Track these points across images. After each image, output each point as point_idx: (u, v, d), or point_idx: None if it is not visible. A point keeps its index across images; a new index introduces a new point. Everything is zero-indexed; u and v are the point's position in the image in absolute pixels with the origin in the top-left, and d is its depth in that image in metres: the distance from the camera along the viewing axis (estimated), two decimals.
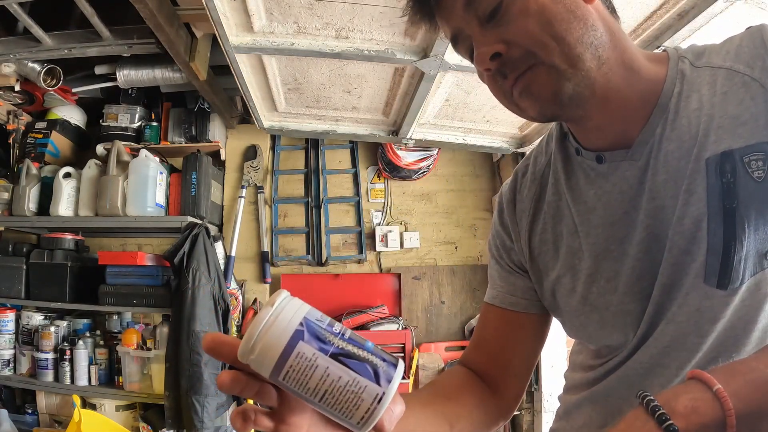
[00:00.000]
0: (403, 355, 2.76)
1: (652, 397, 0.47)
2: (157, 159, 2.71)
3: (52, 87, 2.51)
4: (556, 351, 2.75)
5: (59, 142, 2.94)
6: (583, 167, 0.70)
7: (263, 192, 3.12)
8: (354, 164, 3.22)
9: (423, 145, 2.78)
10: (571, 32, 0.57)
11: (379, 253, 3.13)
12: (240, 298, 2.96)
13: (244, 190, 3.06)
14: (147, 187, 2.60)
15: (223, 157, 3.09)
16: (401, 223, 3.17)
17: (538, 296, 0.79)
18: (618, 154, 0.65)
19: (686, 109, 0.61)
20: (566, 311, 0.74)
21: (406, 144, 2.70)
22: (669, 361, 0.63)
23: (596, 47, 0.59)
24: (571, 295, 0.72)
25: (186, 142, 2.94)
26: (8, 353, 2.66)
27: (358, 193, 3.17)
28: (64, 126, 2.96)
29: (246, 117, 2.97)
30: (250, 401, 0.48)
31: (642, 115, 0.63)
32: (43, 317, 2.74)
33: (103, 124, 2.89)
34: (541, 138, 0.82)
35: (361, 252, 3.10)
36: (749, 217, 0.56)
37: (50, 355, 2.61)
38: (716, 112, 0.59)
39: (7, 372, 2.65)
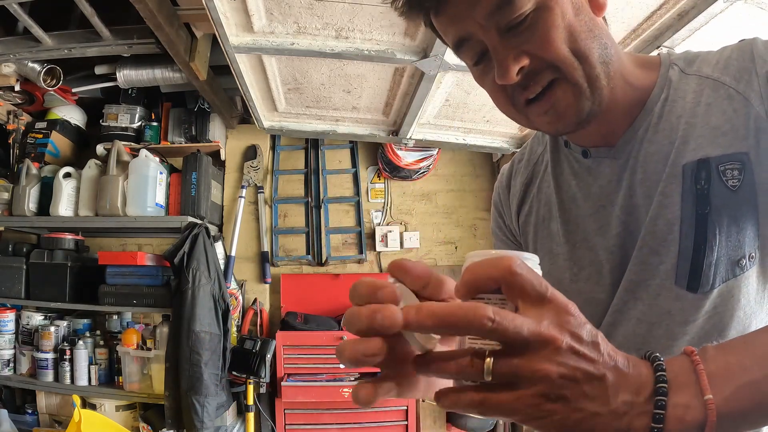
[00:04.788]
0: None
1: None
2: (157, 159, 2.71)
3: (52, 87, 2.50)
4: None
5: (59, 142, 2.94)
6: (570, 159, 0.73)
7: (263, 192, 3.12)
8: (354, 164, 3.22)
9: (423, 145, 2.78)
10: (593, 51, 0.58)
11: (379, 253, 3.13)
12: (240, 298, 2.96)
13: (244, 190, 3.06)
14: (147, 187, 2.59)
15: (223, 157, 3.09)
16: (401, 223, 3.17)
17: None
18: (602, 151, 0.68)
19: (670, 114, 0.63)
20: None
21: (406, 144, 2.70)
22: None
23: (608, 65, 0.60)
24: (544, 279, 0.73)
25: (186, 142, 2.94)
26: (8, 353, 2.66)
27: (358, 193, 3.17)
28: (64, 126, 2.96)
29: (246, 117, 2.97)
30: None
31: (629, 117, 0.66)
32: (43, 317, 2.74)
33: (103, 124, 2.89)
34: None
35: (361, 252, 3.10)
36: (721, 223, 0.58)
37: (50, 355, 2.61)
38: (698, 121, 0.61)
39: (7, 372, 2.65)
